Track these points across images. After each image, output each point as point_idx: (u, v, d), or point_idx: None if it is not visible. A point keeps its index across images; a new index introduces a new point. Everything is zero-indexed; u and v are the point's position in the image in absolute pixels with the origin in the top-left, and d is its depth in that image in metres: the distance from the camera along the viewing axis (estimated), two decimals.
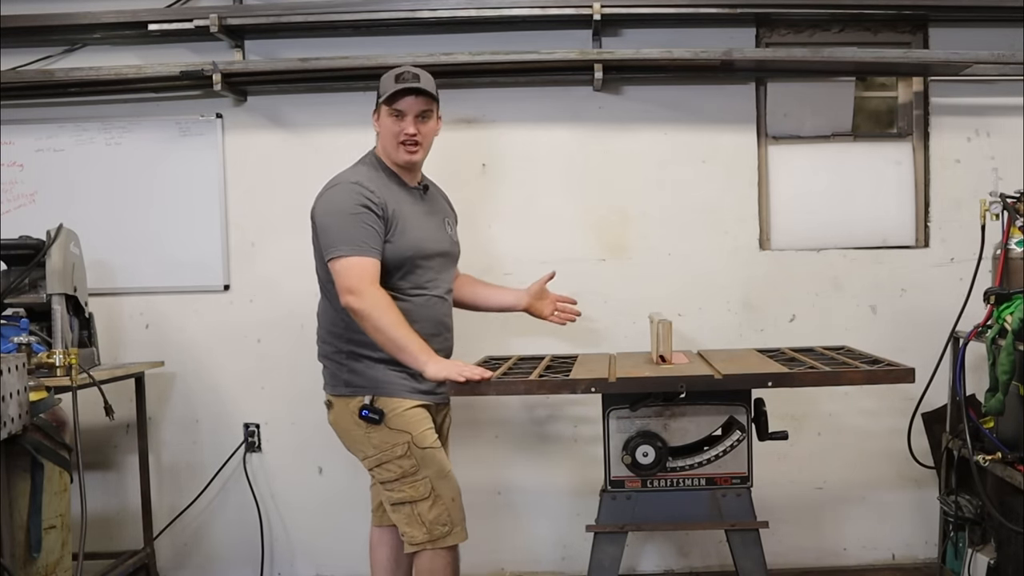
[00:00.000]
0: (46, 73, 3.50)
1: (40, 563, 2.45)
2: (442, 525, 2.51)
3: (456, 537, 2.54)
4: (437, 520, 2.50)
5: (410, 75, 2.59)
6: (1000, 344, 2.81)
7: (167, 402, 3.69)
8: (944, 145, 3.64)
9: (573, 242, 3.64)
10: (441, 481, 2.53)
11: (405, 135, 2.58)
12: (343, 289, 2.46)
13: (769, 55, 3.51)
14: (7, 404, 2.26)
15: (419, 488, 2.50)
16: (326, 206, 2.55)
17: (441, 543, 2.51)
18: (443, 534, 2.51)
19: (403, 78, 2.58)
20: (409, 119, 2.58)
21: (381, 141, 2.65)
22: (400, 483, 2.52)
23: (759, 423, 2.65)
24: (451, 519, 2.52)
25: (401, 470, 2.51)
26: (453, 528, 2.53)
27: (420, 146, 2.62)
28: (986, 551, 3.04)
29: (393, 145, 2.61)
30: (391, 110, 2.59)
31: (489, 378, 2.43)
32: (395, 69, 2.63)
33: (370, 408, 2.52)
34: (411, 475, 2.51)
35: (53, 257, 3.11)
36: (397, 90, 2.57)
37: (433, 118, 2.65)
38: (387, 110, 2.59)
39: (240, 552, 3.68)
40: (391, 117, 2.59)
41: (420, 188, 2.71)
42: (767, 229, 3.68)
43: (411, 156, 2.62)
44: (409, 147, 2.60)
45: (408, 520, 2.52)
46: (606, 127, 3.63)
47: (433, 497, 2.50)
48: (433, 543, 2.51)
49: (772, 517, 2.66)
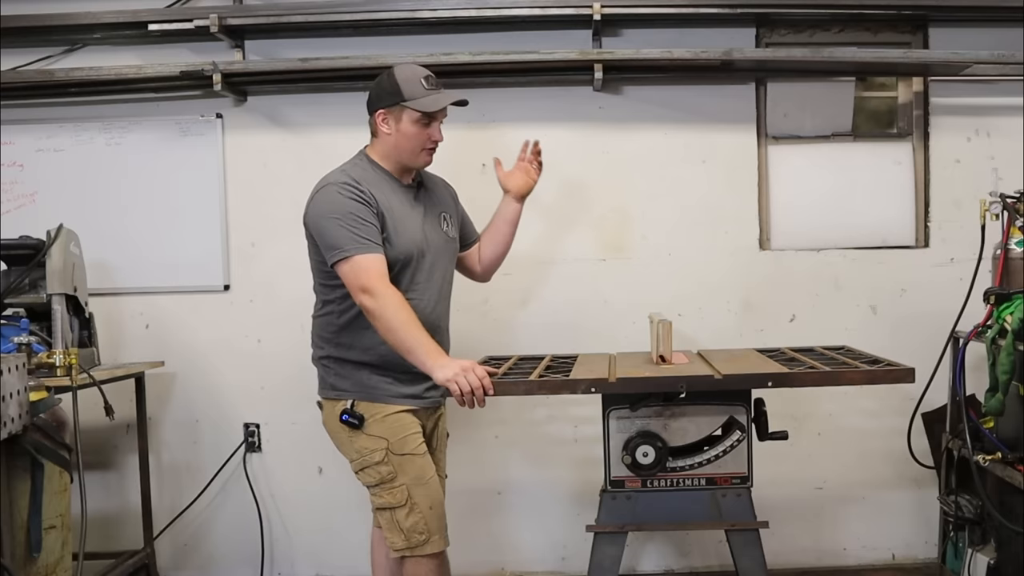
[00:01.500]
0: (46, 73, 3.50)
1: (40, 563, 2.45)
2: (419, 533, 2.48)
3: (434, 546, 2.50)
4: (414, 528, 2.48)
5: (435, 80, 2.54)
6: (1000, 344, 2.81)
7: (167, 402, 3.69)
8: (944, 145, 3.64)
9: (573, 242, 3.64)
10: (418, 488, 2.49)
11: (433, 141, 2.56)
12: (356, 289, 2.42)
13: (769, 55, 3.51)
14: (7, 404, 2.26)
15: (396, 495, 2.48)
16: (320, 208, 2.50)
17: (419, 551, 2.49)
18: (420, 542, 2.48)
19: (432, 82, 2.53)
20: (437, 125, 2.56)
21: (395, 144, 2.57)
22: (379, 489, 2.51)
23: (759, 423, 2.64)
24: (428, 528, 2.49)
25: (379, 476, 2.50)
26: (431, 537, 2.49)
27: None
28: (986, 551, 3.04)
29: (415, 151, 2.56)
30: (422, 116, 2.52)
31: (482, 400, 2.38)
32: (416, 70, 2.55)
33: (350, 413, 2.50)
34: (388, 482, 2.49)
35: (53, 257, 3.11)
36: (438, 98, 2.53)
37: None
38: (414, 115, 2.52)
39: (240, 552, 3.68)
40: (417, 123, 2.53)
41: (413, 185, 2.66)
42: (767, 229, 3.68)
43: (430, 161, 2.61)
44: (431, 153, 2.59)
45: (388, 526, 2.51)
46: (606, 127, 3.63)
47: (409, 505, 2.47)
48: (411, 550, 2.49)
49: (772, 517, 2.66)
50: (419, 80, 2.53)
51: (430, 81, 2.54)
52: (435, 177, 2.83)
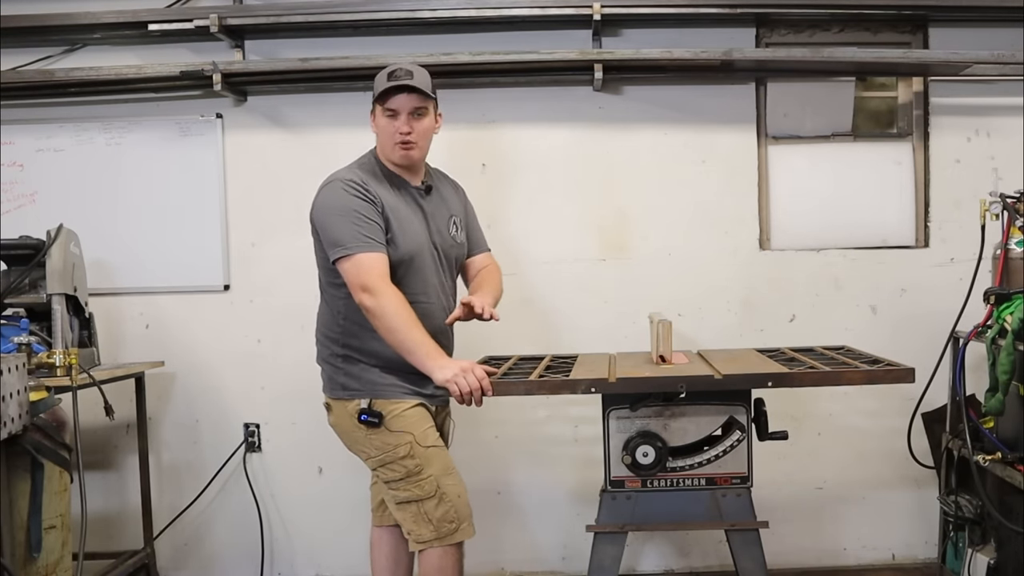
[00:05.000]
0: (46, 73, 3.50)
1: (40, 563, 2.45)
2: (449, 522, 2.50)
3: (464, 533, 2.53)
4: (444, 518, 2.49)
5: (403, 72, 2.54)
6: (1000, 344, 2.81)
7: (167, 402, 3.69)
8: (944, 145, 3.64)
9: (573, 242, 3.64)
10: (446, 478, 2.52)
11: (399, 134, 2.54)
12: (356, 287, 2.43)
13: (769, 55, 3.51)
14: (7, 404, 2.26)
15: (424, 487, 2.49)
16: (325, 204, 2.52)
17: (449, 540, 2.50)
18: (450, 531, 2.50)
19: (395, 75, 2.53)
20: (403, 117, 2.54)
21: (378, 141, 2.62)
22: (405, 482, 2.51)
23: (759, 423, 2.64)
24: (458, 515, 2.51)
25: (405, 470, 2.50)
26: (460, 524, 2.52)
27: (416, 144, 2.57)
28: (986, 551, 3.04)
29: (390, 145, 2.57)
30: (384, 109, 2.55)
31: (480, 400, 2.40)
32: (388, 67, 2.58)
33: (369, 412, 2.50)
34: (415, 474, 2.50)
35: (53, 257, 3.11)
36: (388, 87, 2.52)
37: (429, 115, 2.60)
38: (381, 109, 2.56)
39: (240, 552, 3.68)
40: (385, 116, 2.56)
41: (422, 188, 2.66)
42: (767, 229, 3.68)
43: (407, 154, 2.57)
44: (404, 146, 2.56)
45: (415, 518, 2.51)
46: (606, 127, 3.63)
47: (439, 495, 2.49)
48: (440, 540, 2.50)
49: (772, 517, 2.66)
50: (385, 75, 2.56)
51: (395, 75, 2.54)
52: (448, 181, 2.83)
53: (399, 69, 2.56)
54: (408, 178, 2.64)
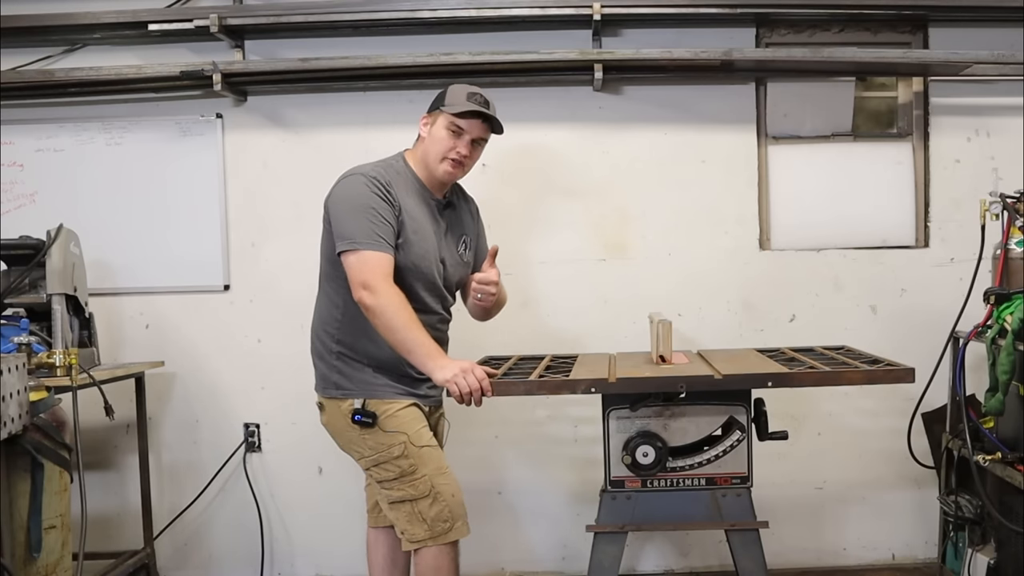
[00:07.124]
0: (46, 73, 3.50)
1: (40, 563, 2.45)
2: (443, 521, 2.50)
3: (458, 532, 2.53)
4: (438, 517, 2.49)
5: (483, 99, 2.58)
6: (1000, 344, 2.81)
7: (167, 402, 3.69)
8: (944, 145, 3.64)
9: (573, 242, 3.64)
10: (440, 478, 2.52)
11: (457, 153, 2.57)
12: (357, 284, 2.42)
13: (769, 55, 3.51)
14: (7, 404, 2.26)
15: (418, 487, 2.49)
16: (342, 195, 2.51)
17: (443, 539, 2.50)
18: (445, 530, 2.50)
19: (475, 98, 2.57)
20: (466, 139, 2.57)
21: (425, 147, 2.61)
22: (399, 482, 2.51)
23: (759, 423, 2.64)
24: (452, 515, 2.51)
25: (399, 470, 2.50)
26: (455, 524, 2.52)
27: (463, 167, 2.62)
28: (986, 551, 3.04)
29: (438, 157, 2.58)
30: (453, 124, 2.56)
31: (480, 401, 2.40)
32: (467, 86, 2.61)
33: (362, 412, 2.51)
34: (410, 474, 2.50)
35: (53, 257, 3.11)
36: (469, 110, 2.55)
37: (483, 147, 2.65)
38: (448, 122, 2.56)
39: (240, 552, 3.68)
40: (449, 131, 2.57)
41: (443, 203, 2.67)
42: (767, 229, 3.68)
43: (453, 173, 2.61)
44: (453, 165, 2.58)
45: (408, 518, 2.51)
46: (606, 127, 3.63)
47: (433, 495, 2.49)
48: (435, 540, 2.50)
49: (772, 517, 2.66)
50: (465, 94, 2.58)
51: (475, 98, 2.58)
52: (467, 199, 2.84)
53: (479, 95, 2.59)
54: (433, 190, 2.65)
